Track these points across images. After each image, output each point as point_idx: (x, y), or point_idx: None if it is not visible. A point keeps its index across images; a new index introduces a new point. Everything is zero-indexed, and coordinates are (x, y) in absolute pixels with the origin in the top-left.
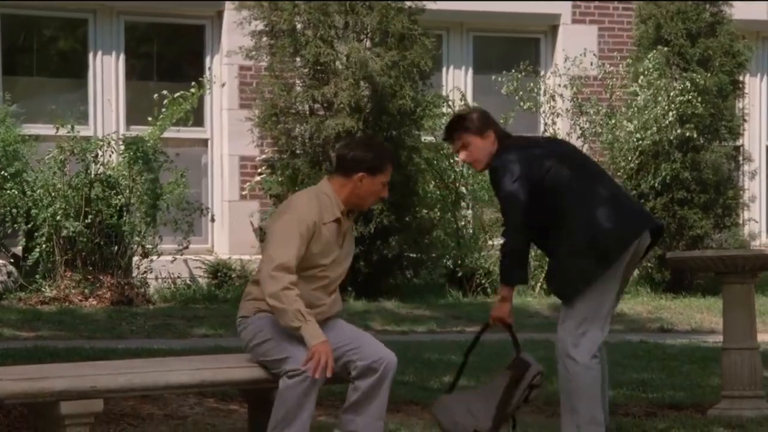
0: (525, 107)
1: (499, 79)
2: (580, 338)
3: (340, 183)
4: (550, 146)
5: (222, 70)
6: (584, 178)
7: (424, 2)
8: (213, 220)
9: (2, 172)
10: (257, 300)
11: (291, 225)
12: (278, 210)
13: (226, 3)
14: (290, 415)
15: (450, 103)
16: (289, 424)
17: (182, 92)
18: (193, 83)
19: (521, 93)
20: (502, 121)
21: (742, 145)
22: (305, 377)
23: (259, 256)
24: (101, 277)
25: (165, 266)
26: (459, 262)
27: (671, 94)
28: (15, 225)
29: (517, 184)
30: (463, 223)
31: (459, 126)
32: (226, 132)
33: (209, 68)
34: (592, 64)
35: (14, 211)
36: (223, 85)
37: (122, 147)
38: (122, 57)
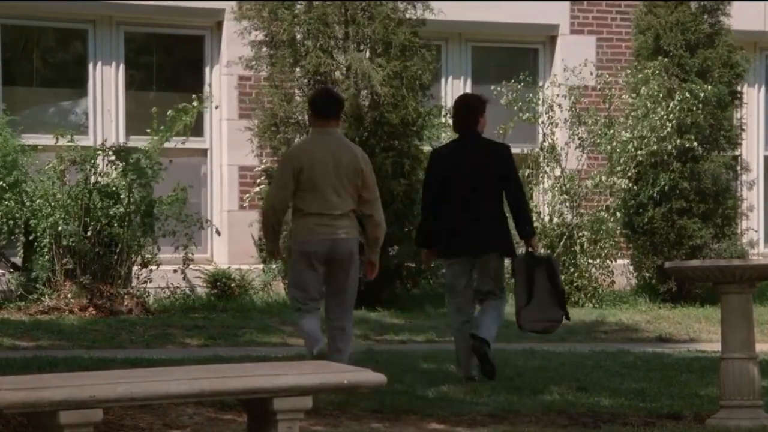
0: (524, 118)
1: (498, 89)
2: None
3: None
4: (469, 163)
5: (221, 81)
6: (461, 192)
7: (425, 14)
8: (218, 233)
9: (1, 183)
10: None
11: None
12: (367, 158)
13: (226, 14)
14: None
15: (449, 112)
16: None
17: (184, 105)
18: (193, 96)
19: (520, 104)
20: (501, 131)
21: (740, 155)
22: None
23: (259, 266)
24: (101, 287)
25: (164, 276)
26: None
27: (671, 105)
28: (14, 235)
29: (429, 176)
30: None
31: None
32: (226, 142)
33: (209, 84)
34: (592, 73)
35: (12, 222)
36: (216, 107)
37: (115, 157)
38: (122, 67)
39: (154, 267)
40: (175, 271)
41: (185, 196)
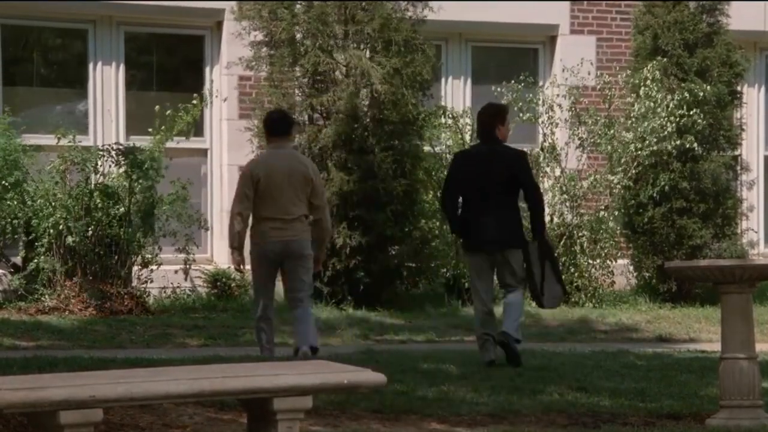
0: (525, 118)
1: (499, 89)
2: None
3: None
4: (481, 167)
5: (222, 81)
6: (473, 193)
7: (425, 12)
8: (206, 229)
9: (2, 183)
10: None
11: None
12: (316, 170)
13: (226, 14)
14: None
15: (452, 114)
16: None
17: (185, 106)
18: (195, 95)
19: (521, 104)
20: None
21: (740, 155)
22: None
23: None
24: (101, 287)
25: (165, 276)
26: (458, 272)
27: (670, 105)
28: (15, 235)
29: (446, 177)
30: None
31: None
32: (226, 142)
33: (211, 80)
34: (589, 73)
35: (13, 222)
36: (225, 99)
37: (121, 157)
38: (122, 67)
39: (154, 267)
40: (176, 272)
41: (186, 194)
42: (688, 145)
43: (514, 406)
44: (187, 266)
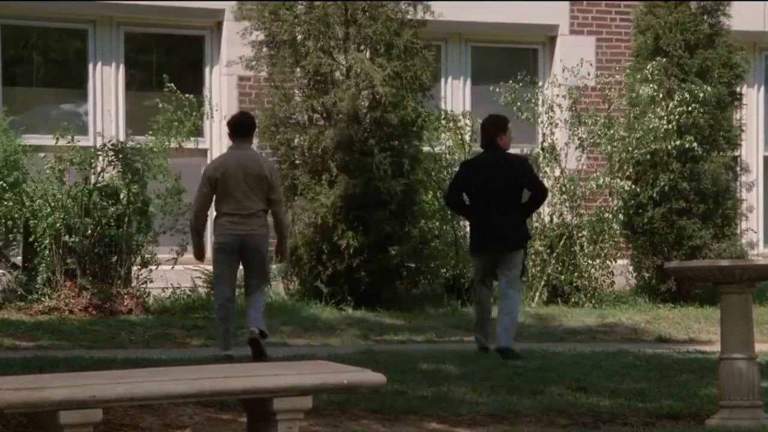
0: (523, 117)
1: (497, 89)
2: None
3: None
4: (484, 175)
5: (221, 81)
6: (477, 199)
7: (426, 15)
8: None
9: (1, 183)
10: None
11: None
12: (273, 167)
13: (226, 14)
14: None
15: (451, 116)
16: None
17: (185, 110)
18: (190, 95)
19: (519, 104)
20: None
21: (740, 156)
22: None
23: None
24: (101, 287)
25: (164, 275)
26: (457, 272)
27: (670, 105)
28: (14, 235)
29: (453, 183)
30: (461, 233)
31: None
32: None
33: (210, 90)
34: (589, 74)
35: (11, 222)
36: (225, 117)
37: (119, 157)
38: (122, 67)
39: (153, 267)
40: (172, 267)
41: (180, 187)
42: (687, 146)
43: (514, 406)
44: (178, 256)
